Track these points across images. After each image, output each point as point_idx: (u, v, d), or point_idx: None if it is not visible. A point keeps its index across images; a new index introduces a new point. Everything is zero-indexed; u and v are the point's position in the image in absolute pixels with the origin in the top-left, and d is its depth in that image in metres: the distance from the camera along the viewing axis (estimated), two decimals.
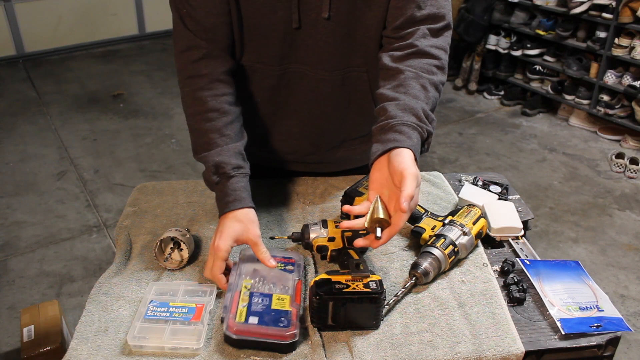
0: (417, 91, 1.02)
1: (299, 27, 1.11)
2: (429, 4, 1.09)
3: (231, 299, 0.95)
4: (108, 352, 0.91)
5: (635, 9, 3.42)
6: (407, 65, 1.05)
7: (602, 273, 2.57)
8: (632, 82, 3.54)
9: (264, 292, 0.97)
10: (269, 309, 0.94)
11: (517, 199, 1.32)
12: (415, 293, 1.04)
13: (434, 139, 1.06)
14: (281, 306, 0.94)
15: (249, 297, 0.96)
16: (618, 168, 3.39)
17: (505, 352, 0.92)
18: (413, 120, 0.98)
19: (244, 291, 0.97)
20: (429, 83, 1.04)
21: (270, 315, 0.92)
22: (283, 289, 0.99)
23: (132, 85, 4.54)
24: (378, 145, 0.97)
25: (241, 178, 1.08)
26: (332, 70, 1.17)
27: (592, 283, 1.07)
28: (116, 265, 1.10)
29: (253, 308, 0.94)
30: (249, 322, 0.91)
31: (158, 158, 3.51)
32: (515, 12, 4.13)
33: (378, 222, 0.92)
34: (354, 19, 1.11)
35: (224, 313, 0.93)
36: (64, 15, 5.06)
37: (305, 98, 1.21)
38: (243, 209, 1.05)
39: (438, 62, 1.07)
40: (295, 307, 0.95)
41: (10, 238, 2.77)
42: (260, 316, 0.92)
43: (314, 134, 1.28)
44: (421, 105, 1.00)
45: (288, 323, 0.91)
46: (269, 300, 0.95)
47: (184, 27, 1.11)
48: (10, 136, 3.74)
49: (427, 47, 1.07)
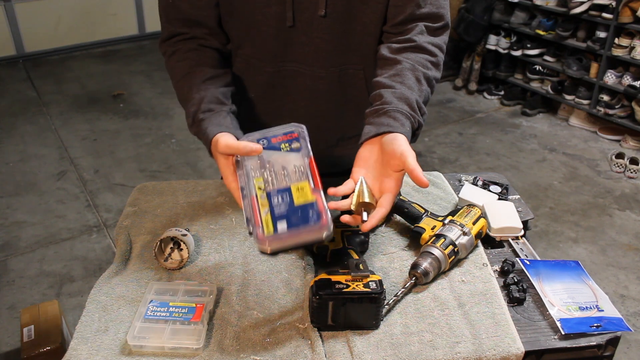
0: (412, 82, 1.04)
1: (292, 25, 1.12)
2: (429, 3, 1.11)
3: (250, 208, 0.88)
4: (108, 352, 0.91)
5: (635, 9, 3.42)
6: (404, 57, 1.08)
7: (602, 273, 2.57)
8: (632, 82, 3.55)
9: (281, 188, 0.89)
10: (293, 207, 0.86)
11: (517, 199, 1.32)
12: (415, 293, 1.04)
13: (434, 139, 1.08)
14: (304, 198, 0.87)
15: (267, 199, 0.88)
16: (618, 168, 3.39)
17: (505, 352, 0.92)
18: (407, 109, 1.00)
19: (259, 194, 0.89)
20: (423, 77, 1.06)
21: (297, 215, 0.86)
22: (298, 174, 0.91)
23: (132, 85, 4.54)
24: (371, 127, 0.98)
25: (212, 117, 1.05)
26: (328, 68, 1.17)
27: (592, 283, 1.07)
28: (116, 265, 1.10)
29: (276, 211, 0.86)
30: (278, 231, 0.84)
31: (158, 158, 3.51)
32: (515, 12, 4.13)
33: (364, 206, 0.93)
34: (351, 16, 1.12)
35: (249, 226, 0.87)
36: (64, 15, 5.06)
37: (301, 96, 1.22)
38: (220, 133, 1.00)
39: (433, 59, 1.10)
40: (317, 194, 0.88)
41: (10, 238, 2.77)
42: (287, 219, 0.85)
43: (310, 133, 1.28)
44: (415, 96, 1.02)
45: (317, 217, 0.85)
46: (289, 196, 0.88)
47: (167, 18, 1.14)
48: (10, 136, 3.74)
49: (424, 43, 1.10)
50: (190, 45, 1.15)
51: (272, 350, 0.92)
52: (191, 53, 1.14)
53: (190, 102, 1.08)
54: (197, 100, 1.07)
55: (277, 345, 0.93)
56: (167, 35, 1.16)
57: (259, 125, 1.27)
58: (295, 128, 0.97)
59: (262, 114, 1.27)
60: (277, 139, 0.95)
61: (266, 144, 0.95)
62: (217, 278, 1.08)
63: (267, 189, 0.89)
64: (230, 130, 1.01)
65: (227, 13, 1.15)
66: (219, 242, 1.17)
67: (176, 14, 1.14)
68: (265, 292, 1.04)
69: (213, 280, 1.07)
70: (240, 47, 1.20)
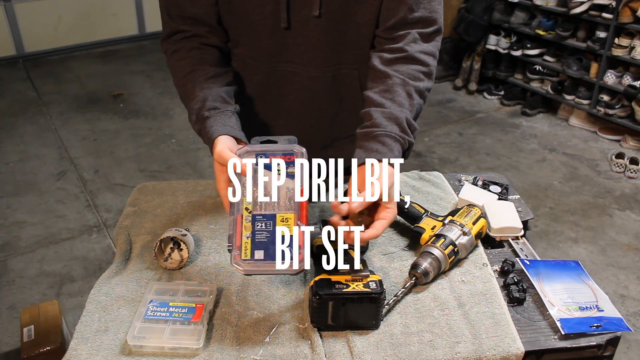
0: (403, 99, 1.05)
1: (287, 27, 1.12)
2: (422, 7, 1.10)
3: (234, 227, 0.91)
4: (108, 352, 0.91)
5: (635, 9, 3.43)
6: (395, 70, 1.08)
7: (602, 273, 2.57)
8: (632, 82, 3.55)
9: (267, 214, 0.92)
10: (274, 237, 0.90)
11: (517, 199, 1.32)
12: (415, 293, 1.04)
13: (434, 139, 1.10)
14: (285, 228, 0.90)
15: (251, 223, 0.91)
16: (618, 168, 3.39)
17: (505, 352, 0.92)
18: (396, 131, 1.02)
19: (245, 215, 0.92)
20: (414, 90, 1.07)
21: (275, 246, 0.89)
22: (287, 203, 0.93)
23: (132, 85, 4.54)
24: (361, 152, 1.01)
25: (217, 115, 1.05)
26: (323, 67, 1.18)
27: (592, 283, 1.07)
28: (116, 265, 1.10)
29: (257, 238, 0.90)
30: (255, 258, 0.89)
31: (158, 158, 3.51)
32: (515, 12, 4.13)
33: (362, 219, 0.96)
34: (346, 16, 1.12)
35: (230, 245, 0.90)
36: (64, 15, 5.06)
37: (296, 96, 1.22)
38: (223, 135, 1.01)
39: (426, 69, 1.11)
40: (299, 228, 0.90)
41: (10, 238, 2.77)
42: (265, 249, 0.89)
43: (305, 133, 1.29)
44: (405, 115, 1.04)
45: (293, 254, 0.88)
46: (273, 225, 0.91)
47: (168, 16, 1.15)
48: (10, 136, 3.74)
49: (416, 53, 1.10)
50: (192, 43, 1.15)
51: (272, 350, 0.92)
52: (193, 52, 1.15)
53: (194, 100, 1.08)
54: (202, 98, 1.07)
55: (277, 345, 0.93)
56: (168, 33, 1.17)
57: (255, 124, 1.28)
58: (296, 149, 0.97)
59: (259, 113, 1.27)
60: (276, 157, 0.96)
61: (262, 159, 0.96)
62: (217, 278, 1.08)
63: (254, 211, 0.92)
64: (235, 132, 1.02)
65: (225, 12, 1.15)
66: (219, 242, 1.17)
67: (177, 11, 1.14)
68: (265, 292, 1.04)
69: (213, 280, 1.07)
70: (237, 46, 1.21)
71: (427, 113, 4.10)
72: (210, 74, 1.12)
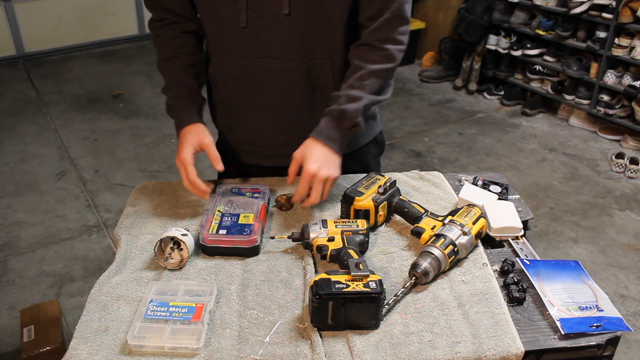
0: (358, 91, 1.19)
1: (246, 26, 1.18)
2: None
3: (207, 219, 1.17)
4: (108, 352, 0.91)
5: (635, 9, 3.42)
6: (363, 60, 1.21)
7: (602, 273, 2.57)
8: (632, 82, 3.54)
9: (233, 213, 1.19)
10: (236, 224, 1.16)
11: (517, 199, 1.32)
12: (415, 293, 1.04)
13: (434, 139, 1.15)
14: (246, 221, 1.16)
15: (220, 217, 1.18)
16: (618, 168, 3.39)
17: (505, 351, 0.92)
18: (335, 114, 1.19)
19: (217, 213, 1.19)
20: (373, 76, 1.20)
21: (236, 228, 1.14)
22: (249, 209, 1.20)
23: (132, 85, 4.54)
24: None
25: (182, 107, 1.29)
26: (296, 60, 1.23)
27: (592, 283, 1.07)
28: (116, 265, 1.10)
29: (223, 224, 1.16)
30: (219, 233, 1.13)
31: (158, 158, 3.51)
32: (515, 12, 4.13)
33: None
34: (315, 11, 1.17)
35: (200, 229, 1.13)
36: (64, 15, 5.06)
37: (274, 90, 1.27)
38: (192, 124, 1.27)
39: (387, 53, 1.21)
40: (257, 222, 1.16)
41: (10, 238, 2.77)
42: (228, 229, 1.14)
43: (286, 124, 1.34)
44: (354, 105, 1.17)
45: (250, 232, 1.13)
46: (237, 218, 1.18)
47: (148, 6, 1.31)
48: (10, 136, 3.74)
49: (375, 41, 1.21)
50: (173, 32, 1.30)
51: (272, 350, 0.92)
52: (174, 40, 1.30)
53: (166, 86, 1.30)
54: (172, 85, 1.29)
55: (277, 345, 0.93)
56: (153, 18, 1.32)
57: (237, 117, 1.35)
58: (262, 187, 1.28)
59: (238, 106, 1.33)
60: (246, 190, 1.28)
61: (236, 191, 1.27)
62: (217, 278, 1.08)
63: (224, 212, 1.20)
64: (198, 121, 1.28)
65: (198, 8, 1.26)
66: None
67: (153, 3, 1.29)
68: (265, 292, 1.04)
69: (213, 280, 1.07)
70: (213, 42, 1.28)
71: (427, 113, 4.10)
72: (187, 63, 1.29)
